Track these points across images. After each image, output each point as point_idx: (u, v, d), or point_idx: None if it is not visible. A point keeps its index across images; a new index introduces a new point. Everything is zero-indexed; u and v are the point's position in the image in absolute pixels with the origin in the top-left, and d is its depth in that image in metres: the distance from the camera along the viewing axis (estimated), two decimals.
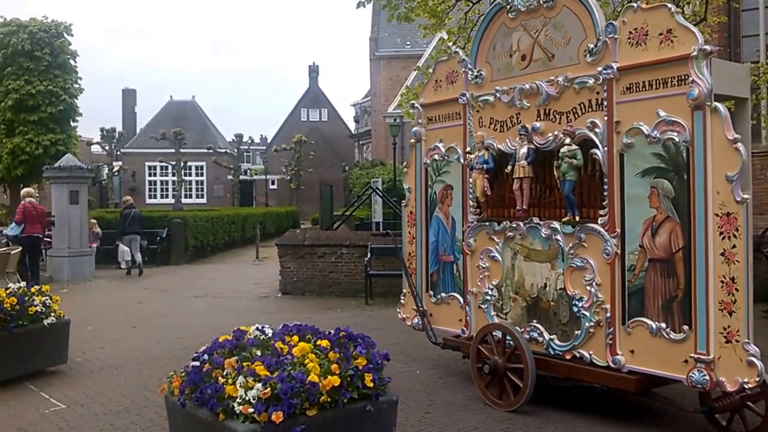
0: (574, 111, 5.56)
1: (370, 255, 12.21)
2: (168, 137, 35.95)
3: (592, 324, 5.40)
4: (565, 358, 5.61)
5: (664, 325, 4.94)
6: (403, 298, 7.34)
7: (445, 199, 6.79)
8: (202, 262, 20.26)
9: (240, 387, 3.60)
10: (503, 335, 5.95)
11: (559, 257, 5.70)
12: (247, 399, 3.54)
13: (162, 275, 16.70)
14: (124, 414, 5.84)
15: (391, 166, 26.21)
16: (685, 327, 4.79)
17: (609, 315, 5.29)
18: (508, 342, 5.89)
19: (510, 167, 6.04)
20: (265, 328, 4.26)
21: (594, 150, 5.38)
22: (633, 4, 5.23)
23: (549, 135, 5.74)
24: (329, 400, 3.67)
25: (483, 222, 6.38)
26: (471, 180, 6.40)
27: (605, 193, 5.32)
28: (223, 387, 3.65)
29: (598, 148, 5.35)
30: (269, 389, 3.54)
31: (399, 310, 7.40)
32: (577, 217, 5.57)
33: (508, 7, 6.11)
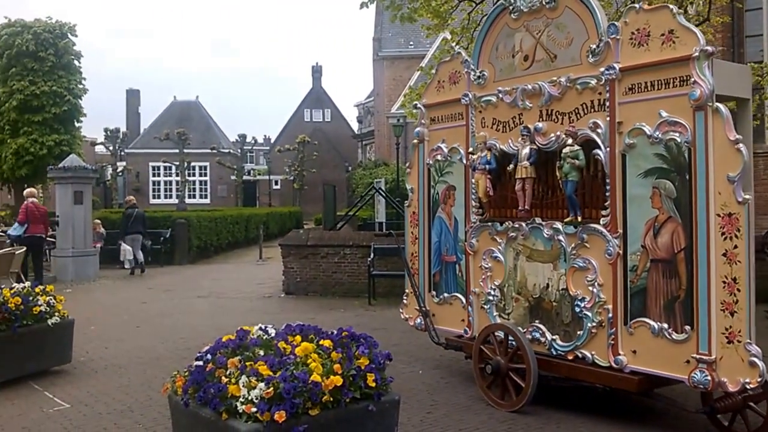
0: (577, 111, 5.57)
1: (373, 255, 12.21)
2: (172, 137, 36.07)
3: (595, 324, 5.41)
4: (568, 358, 5.62)
5: (666, 325, 4.94)
6: (405, 298, 7.35)
7: (448, 199, 6.81)
8: (205, 262, 20.30)
9: (243, 386, 3.62)
10: (505, 335, 5.96)
11: (561, 258, 5.71)
12: (249, 398, 3.56)
13: (166, 275, 16.74)
14: (127, 413, 5.87)
15: (394, 167, 26.24)
16: (687, 327, 4.80)
17: (611, 315, 5.29)
18: (511, 342, 5.90)
19: (512, 167, 6.06)
20: (268, 328, 4.27)
21: (596, 150, 5.39)
22: (635, 5, 5.24)
23: (551, 135, 5.75)
24: (332, 400, 3.69)
25: (485, 222, 6.39)
26: (473, 180, 6.41)
27: (607, 194, 5.32)
28: (226, 386, 3.67)
29: (600, 148, 5.35)
30: (272, 389, 3.56)
31: (402, 311, 7.42)
32: (579, 218, 5.58)
33: (511, 7, 6.12)
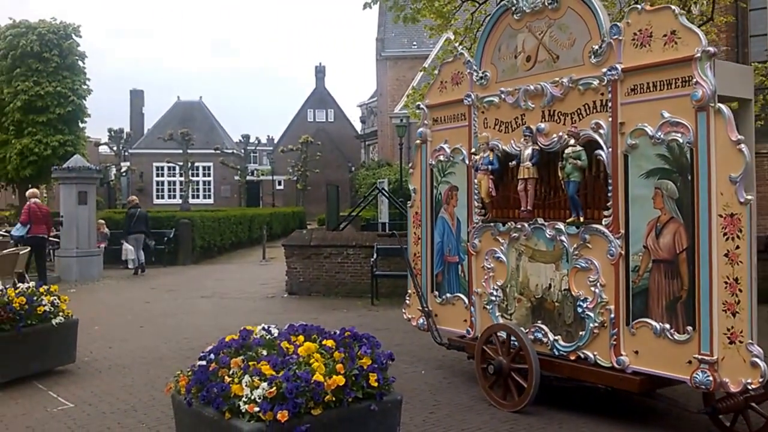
0: (579, 112, 5.58)
1: (376, 255, 12.22)
2: (175, 138, 36.12)
3: (597, 325, 5.41)
4: (570, 358, 5.63)
5: (668, 326, 4.95)
6: (408, 298, 7.36)
7: (450, 200, 6.82)
8: (209, 262, 20.34)
9: (246, 386, 3.64)
10: (508, 336, 5.97)
11: (563, 258, 5.71)
12: (252, 398, 3.58)
13: (169, 275, 16.78)
14: (131, 413, 5.89)
15: (398, 167, 26.26)
16: (689, 328, 4.80)
17: (613, 316, 5.30)
18: (513, 342, 5.91)
19: (514, 167, 6.07)
20: (271, 328, 4.29)
21: (598, 151, 5.40)
22: (637, 6, 5.25)
23: (553, 136, 5.76)
24: (334, 400, 3.71)
25: (488, 223, 6.40)
26: (476, 181, 6.42)
27: (609, 194, 5.33)
28: (229, 386, 3.69)
29: (602, 149, 5.36)
30: (275, 388, 3.58)
31: (404, 311, 7.43)
32: (581, 218, 5.58)
33: (513, 8, 6.13)
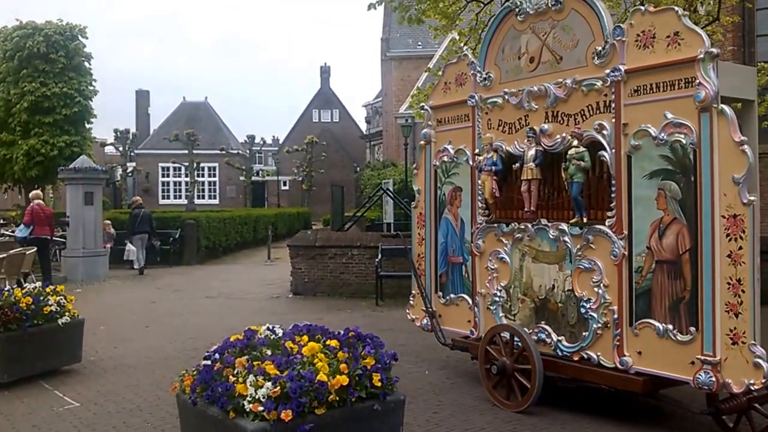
0: (582, 113, 5.59)
1: (380, 256, 12.24)
2: (181, 138, 36.22)
3: (600, 325, 5.42)
4: (573, 359, 5.64)
5: (671, 326, 4.95)
6: (412, 299, 7.38)
7: (454, 200, 6.83)
8: (214, 262, 20.39)
9: (250, 386, 3.66)
10: (511, 336, 5.98)
11: (566, 259, 5.72)
12: (257, 397, 3.60)
13: (174, 276, 16.83)
14: (136, 412, 5.93)
15: (403, 167, 26.23)
16: (692, 328, 4.81)
17: (616, 316, 5.31)
18: (516, 343, 5.92)
19: (518, 168, 6.08)
20: (275, 328, 4.32)
21: (602, 152, 5.41)
22: (640, 7, 5.26)
23: (557, 137, 5.77)
24: (338, 399, 3.73)
25: (491, 223, 6.42)
26: (480, 182, 6.44)
27: (613, 195, 5.34)
28: (234, 385, 3.72)
29: (605, 150, 5.37)
30: (279, 388, 3.60)
31: (408, 311, 7.45)
32: (584, 219, 5.59)
33: (517, 9, 6.14)
